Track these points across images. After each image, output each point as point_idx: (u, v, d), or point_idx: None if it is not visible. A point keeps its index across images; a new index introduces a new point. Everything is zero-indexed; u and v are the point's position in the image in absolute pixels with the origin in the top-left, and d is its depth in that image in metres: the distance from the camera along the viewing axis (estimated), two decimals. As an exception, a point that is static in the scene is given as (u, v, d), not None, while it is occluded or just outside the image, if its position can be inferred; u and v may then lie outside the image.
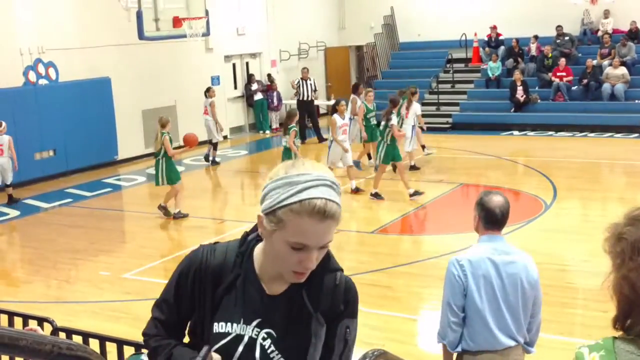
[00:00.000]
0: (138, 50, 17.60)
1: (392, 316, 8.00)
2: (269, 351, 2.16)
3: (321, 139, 20.57)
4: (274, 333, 2.17)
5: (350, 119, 15.61)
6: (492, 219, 4.37)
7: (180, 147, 13.97)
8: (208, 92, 17.83)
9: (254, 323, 2.18)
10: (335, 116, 13.86)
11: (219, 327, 2.18)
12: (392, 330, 7.61)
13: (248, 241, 2.26)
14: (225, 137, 20.79)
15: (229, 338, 2.17)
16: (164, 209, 12.54)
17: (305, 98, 20.89)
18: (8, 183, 14.05)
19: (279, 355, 2.17)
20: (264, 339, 2.16)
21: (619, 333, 1.88)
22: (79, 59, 16.78)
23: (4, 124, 13.96)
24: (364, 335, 7.51)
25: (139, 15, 13.97)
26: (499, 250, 4.39)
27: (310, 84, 21.00)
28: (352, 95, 16.91)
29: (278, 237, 2.03)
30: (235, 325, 2.18)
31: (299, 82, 21.06)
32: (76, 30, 16.77)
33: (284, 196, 2.01)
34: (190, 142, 12.96)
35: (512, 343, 4.39)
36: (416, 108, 15.88)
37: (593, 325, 7.43)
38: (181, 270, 2.28)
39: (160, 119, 12.84)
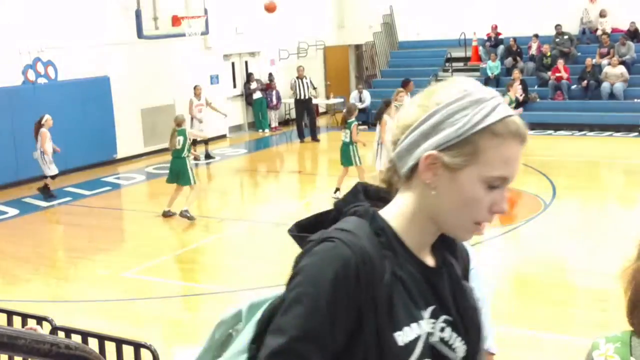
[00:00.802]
0: (137, 49, 17.58)
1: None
2: (450, 341, 1.68)
3: (315, 138, 20.54)
4: (449, 317, 1.68)
5: None
6: None
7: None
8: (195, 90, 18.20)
9: (429, 312, 1.65)
10: (386, 117, 12.90)
11: (403, 336, 1.59)
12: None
13: (369, 213, 1.66)
14: (223, 136, 20.81)
15: (419, 348, 1.61)
16: (187, 213, 12.13)
17: (302, 97, 20.88)
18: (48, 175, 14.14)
19: (461, 342, 1.69)
20: (442, 329, 1.66)
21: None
22: (78, 58, 16.75)
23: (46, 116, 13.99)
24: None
25: (138, 14, 13.98)
26: None
27: (307, 83, 20.98)
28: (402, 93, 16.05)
29: (469, 174, 1.58)
30: (415, 325, 1.61)
31: (294, 80, 21.06)
32: (75, 29, 16.75)
33: (479, 116, 1.58)
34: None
35: None
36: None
37: (592, 324, 7.42)
38: (334, 276, 1.55)
39: (176, 117, 13.08)
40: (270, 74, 22.66)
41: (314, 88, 21.57)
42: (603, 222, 11.27)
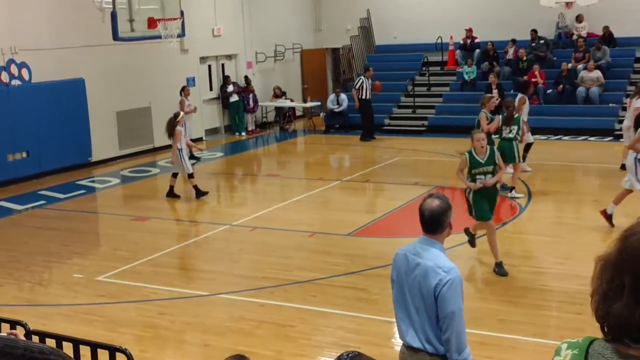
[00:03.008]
0: (112, 51, 17.47)
1: (368, 319, 7.99)
2: None
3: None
4: None
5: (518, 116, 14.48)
6: (420, 220, 4.45)
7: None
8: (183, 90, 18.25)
9: None
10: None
11: None
12: (367, 333, 7.60)
13: None
14: (200, 139, 20.72)
15: None
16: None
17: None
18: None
19: None
20: None
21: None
22: (52, 60, 16.62)
23: None
24: (338, 338, 7.54)
25: (114, 16, 13.85)
26: (414, 251, 4.46)
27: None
28: (520, 95, 15.37)
29: None
30: None
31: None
32: (49, 31, 16.62)
33: None
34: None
35: (417, 345, 4.40)
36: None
37: (567, 327, 7.48)
38: None
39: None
40: (246, 77, 22.63)
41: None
42: (578, 226, 11.36)
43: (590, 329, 1.95)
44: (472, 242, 9.85)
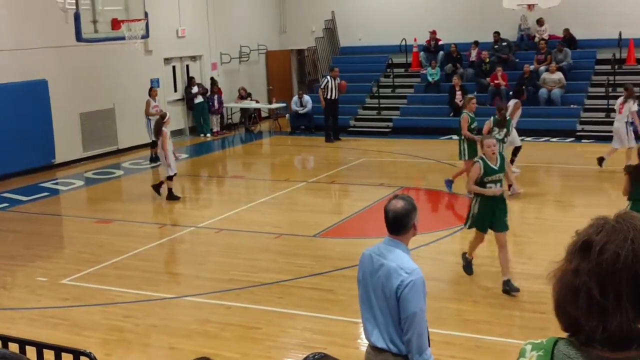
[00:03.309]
0: (76, 52, 17.29)
1: (334, 320, 8.02)
2: None
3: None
4: None
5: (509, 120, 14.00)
6: (385, 221, 4.49)
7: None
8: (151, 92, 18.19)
9: None
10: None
11: None
12: (334, 334, 7.63)
13: None
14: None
15: None
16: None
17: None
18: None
19: None
20: None
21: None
22: (14, 61, 16.40)
23: None
24: (305, 339, 7.56)
25: (77, 17, 13.70)
26: (378, 252, 4.50)
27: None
28: (515, 100, 15.38)
29: None
30: None
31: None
32: (11, 32, 16.40)
33: None
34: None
35: (382, 345, 4.44)
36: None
37: (531, 327, 7.58)
38: None
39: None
40: (212, 78, 22.55)
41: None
42: (541, 226, 11.51)
43: (554, 327, 1.97)
44: (468, 269, 9.15)
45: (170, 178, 13.97)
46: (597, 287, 1.79)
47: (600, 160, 15.00)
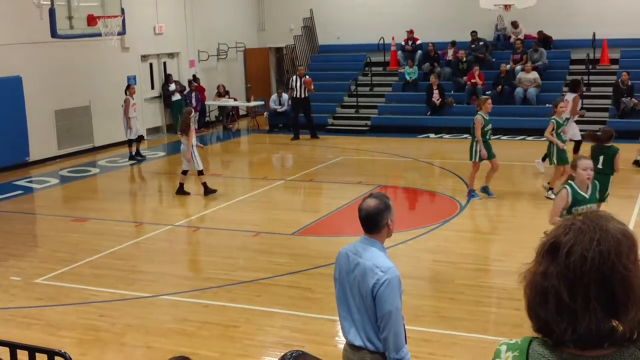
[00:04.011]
0: (51, 49, 17.13)
1: (312, 317, 8.02)
2: None
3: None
4: None
5: (567, 118, 14.27)
6: (359, 219, 4.50)
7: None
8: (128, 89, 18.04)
9: None
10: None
11: None
12: (312, 332, 7.63)
13: None
14: (141, 137, 20.44)
15: None
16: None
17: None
18: None
19: None
20: None
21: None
22: (-12, 57, 16.22)
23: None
24: (283, 337, 7.54)
25: (52, 13, 13.58)
26: (354, 250, 4.50)
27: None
28: (573, 94, 15.31)
29: None
30: None
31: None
32: (-15, 27, 16.21)
33: None
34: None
35: (359, 343, 4.44)
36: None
37: (506, 323, 7.63)
38: None
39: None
40: (194, 76, 22.47)
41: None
42: (516, 223, 11.58)
43: (529, 324, 1.98)
44: None
45: (200, 173, 13.96)
46: (565, 290, 1.80)
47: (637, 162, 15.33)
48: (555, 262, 1.83)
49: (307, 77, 20.78)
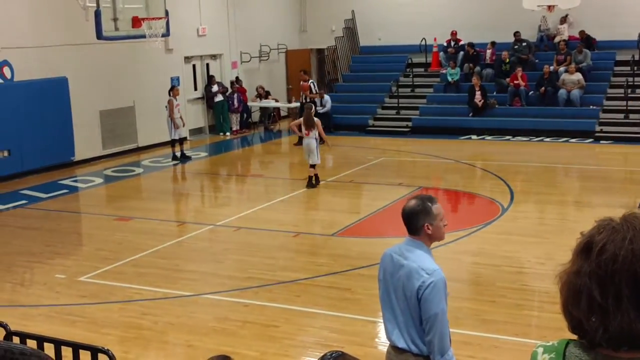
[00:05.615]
0: (96, 50, 17.39)
1: (352, 318, 8.01)
2: None
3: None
4: None
5: None
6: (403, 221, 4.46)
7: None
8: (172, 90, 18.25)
9: None
10: None
11: None
12: (351, 333, 7.63)
13: None
14: (184, 139, 20.66)
15: None
16: None
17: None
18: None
19: None
20: None
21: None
22: (35, 58, 16.52)
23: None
24: (322, 338, 7.56)
25: (98, 15, 13.79)
26: (399, 252, 4.46)
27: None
28: None
29: None
30: None
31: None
32: (32, 29, 16.52)
33: None
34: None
35: (402, 345, 4.41)
36: None
37: (548, 327, 7.53)
38: None
39: None
40: (237, 77, 22.62)
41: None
42: (559, 226, 11.43)
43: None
44: None
45: (313, 167, 14.34)
46: (597, 288, 1.80)
47: None
48: (588, 261, 1.83)
49: (305, 82, 21.01)
